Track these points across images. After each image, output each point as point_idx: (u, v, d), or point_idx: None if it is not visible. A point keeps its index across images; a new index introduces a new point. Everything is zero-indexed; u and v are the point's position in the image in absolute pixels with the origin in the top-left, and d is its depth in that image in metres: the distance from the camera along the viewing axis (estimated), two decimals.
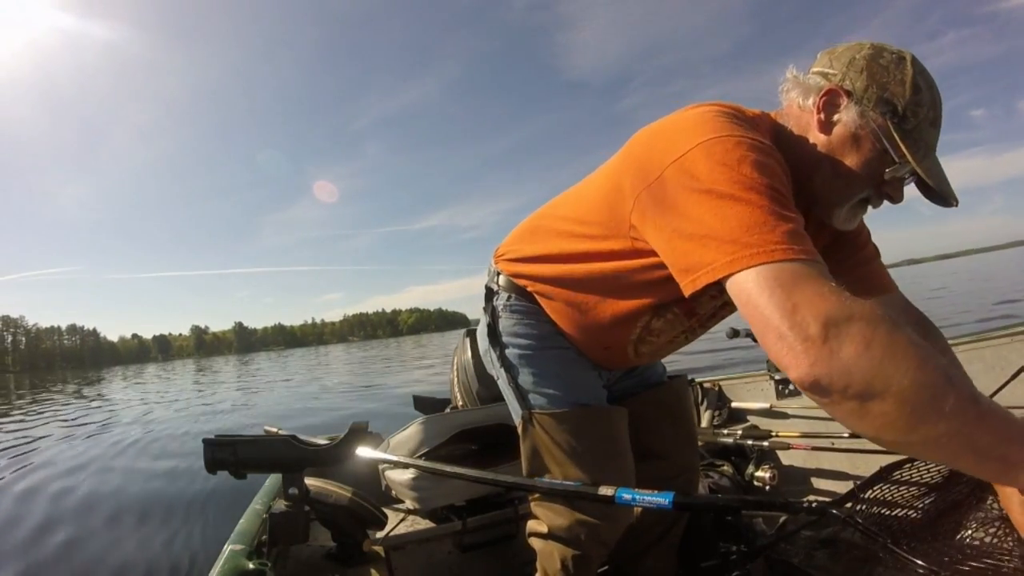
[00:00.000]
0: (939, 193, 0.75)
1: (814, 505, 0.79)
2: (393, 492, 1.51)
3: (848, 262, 0.96)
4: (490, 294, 1.12)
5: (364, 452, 1.27)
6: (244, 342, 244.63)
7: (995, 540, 0.69)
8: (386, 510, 1.40)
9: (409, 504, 1.47)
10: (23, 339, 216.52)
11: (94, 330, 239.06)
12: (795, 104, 0.82)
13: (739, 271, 0.61)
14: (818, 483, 1.82)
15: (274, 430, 1.76)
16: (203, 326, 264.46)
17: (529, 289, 1.05)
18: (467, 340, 1.69)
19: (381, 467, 1.53)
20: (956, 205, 0.76)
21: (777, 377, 1.96)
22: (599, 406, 1.04)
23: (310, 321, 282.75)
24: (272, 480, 1.61)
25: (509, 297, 1.07)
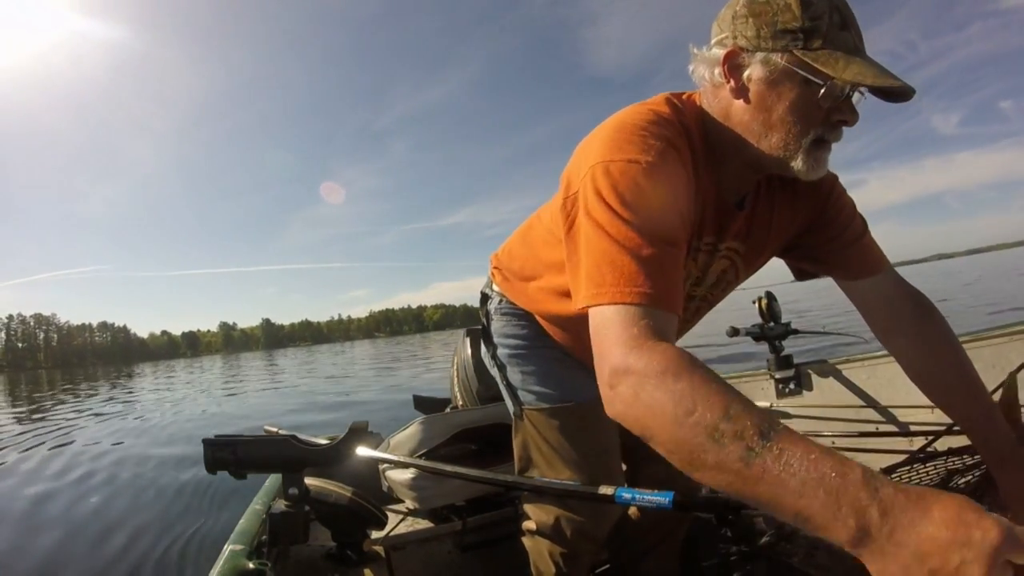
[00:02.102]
0: (889, 90, 0.69)
1: None
2: (393, 492, 1.51)
3: (832, 244, 0.92)
4: (484, 298, 1.17)
5: (364, 452, 1.27)
6: (271, 338, 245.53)
7: None
8: (386, 510, 1.40)
9: (409, 504, 1.47)
10: (55, 336, 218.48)
11: (124, 327, 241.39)
12: (706, 81, 0.78)
13: (589, 307, 0.66)
14: None
15: (274, 430, 1.76)
16: (231, 322, 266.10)
17: (516, 293, 1.08)
18: (467, 339, 1.70)
19: (381, 467, 1.53)
20: (913, 93, 0.68)
21: (778, 376, 1.95)
22: (585, 403, 1.05)
23: (336, 317, 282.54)
24: (272, 480, 1.61)
25: (500, 301, 1.12)
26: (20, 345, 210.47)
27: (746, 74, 0.73)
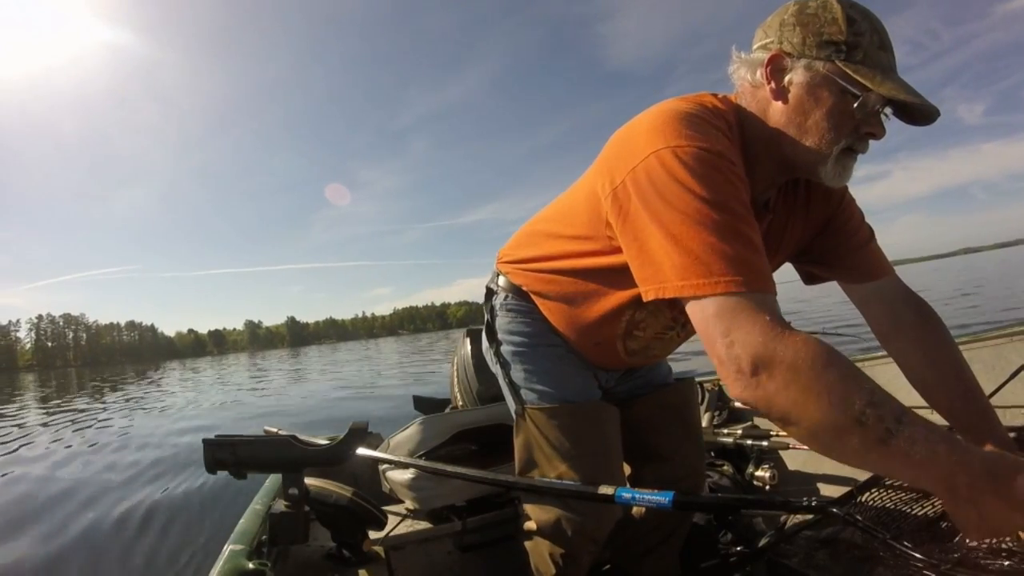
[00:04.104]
0: (918, 108, 0.73)
1: (814, 504, 0.79)
2: (393, 492, 1.51)
3: (841, 249, 0.95)
4: (490, 294, 1.17)
5: (364, 452, 1.27)
6: (296, 336, 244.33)
7: (994, 541, 0.69)
8: (386, 510, 1.40)
9: (409, 504, 1.47)
10: (84, 335, 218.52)
11: (152, 326, 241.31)
12: (747, 83, 0.82)
13: (689, 297, 0.68)
14: (818, 483, 1.82)
15: (274, 430, 1.76)
16: (256, 321, 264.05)
17: (524, 288, 1.08)
18: (467, 339, 1.69)
19: (381, 467, 1.53)
20: (938, 115, 0.73)
21: None
22: (587, 403, 1.06)
23: (360, 315, 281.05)
24: (272, 480, 1.61)
25: (506, 297, 1.12)
26: (50, 344, 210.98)
27: (787, 78, 0.76)
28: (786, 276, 1.12)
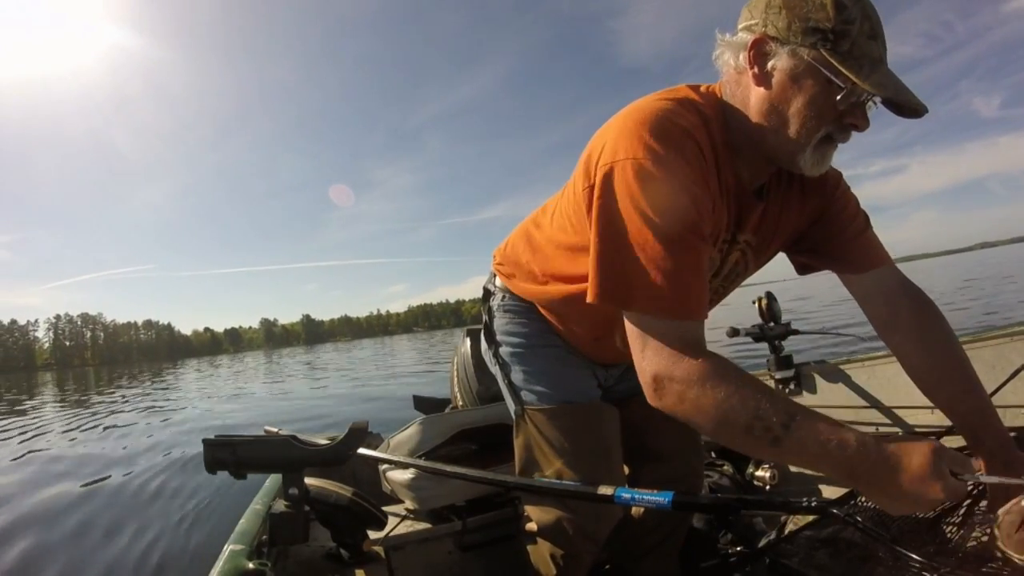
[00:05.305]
0: (903, 104, 0.71)
1: (814, 504, 0.79)
2: (393, 492, 1.51)
3: (835, 238, 0.93)
4: (487, 295, 1.16)
5: (364, 452, 1.27)
6: (312, 334, 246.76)
7: (993, 540, 0.69)
8: (386, 510, 1.40)
9: (409, 504, 1.47)
10: (101, 334, 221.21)
11: (168, 325, 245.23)
12: (731, 68, 0.79)
13: (621, 307, 0.75)
14: (818, 483, 1.82)
15: (274, 430, 1.76)
16: (272, 319, 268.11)
17: (523, 285, 1.08)
18: (467, 339, 1.70)
19: (381, 467, 1.53)
20: (926, 111, 0.71)
21: (777, 376, 1.95)
22: (587, 403, 1.06)
23: (376, 312, 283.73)
24: (272, 480, 1.61)
25: (503, 297, 1.12)
26: (68, 344, 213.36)
27: (771, 63, 0.74)
28: (783, 274, 1.12)
